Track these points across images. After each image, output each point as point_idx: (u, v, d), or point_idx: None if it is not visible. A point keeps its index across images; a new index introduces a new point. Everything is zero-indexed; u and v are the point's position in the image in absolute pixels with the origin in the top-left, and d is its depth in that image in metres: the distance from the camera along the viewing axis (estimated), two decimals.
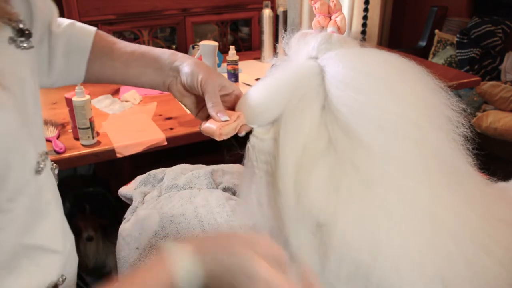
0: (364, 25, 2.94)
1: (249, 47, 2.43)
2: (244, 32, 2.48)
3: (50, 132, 1.28)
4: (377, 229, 0.57)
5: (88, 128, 1.23)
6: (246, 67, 1.99)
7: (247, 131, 0.62)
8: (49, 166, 0.54)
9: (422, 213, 0.58)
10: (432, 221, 0.59)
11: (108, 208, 1.62)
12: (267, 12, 1.99)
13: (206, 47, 1.62)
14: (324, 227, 0.59)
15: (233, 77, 1.67)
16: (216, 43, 1.63)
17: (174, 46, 2.28)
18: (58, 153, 1.20)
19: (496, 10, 2.74)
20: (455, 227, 0.59)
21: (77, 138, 1.27)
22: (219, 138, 0.60)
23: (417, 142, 0.57)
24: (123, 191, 0.95)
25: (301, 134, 0.60)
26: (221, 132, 0.60)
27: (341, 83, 0.58)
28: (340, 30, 0.64)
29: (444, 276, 0.58)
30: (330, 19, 0.65)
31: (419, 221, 0.58)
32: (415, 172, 0.59)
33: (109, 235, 1.60)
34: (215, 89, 0.63)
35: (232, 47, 1.68)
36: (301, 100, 0.61)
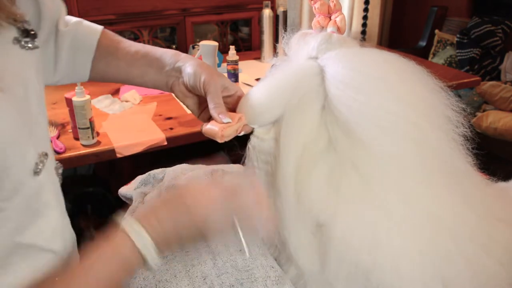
0: (364, 25, 2.94)
1: (249, 47, 2.43)
2: (244, 32, 2.48)
3: (50, 132, 1.28)
4: (377, 229, 0.57)
5: (88, 128, 1.24)
6: (246, 67, 1.99)
7: (248, 132, 0.62)
8: (51, 166, 0.54)
9: (422, 213, 0.58)
10: (432, 221, 0.59)
11: (108, 208, 1.62)
12: (267, 12, 1.99)
13: (206, 47, 1.62)
14: (324, 227, 0.59)
15: (233, 77, 1.67)
16: (216, 43, 1.63)
17: (174, 46, 2.28)
18: (58, 153, 1.20)
19: (496, 10, 2.74)
20: (455, 227, 0.59)
21: (77, 138, 1.28)
22: (221, 140, 0.61)
23: (417, 142, 0.57)
24: (123, 191, 0.95)
25: (302, 134, 0.60)
26: (223, 134, 0.60)
27: (341, 83, 0.58)
28: (340, 30, 0.64)
29: (444, 276, 0.58)
30: (330, 19, 0.65)
31: (419, 221, 0.58)
32: (415, 172, 0.59)
33: None
34: (217, 90, 0.62)
35: (232, 47, 1.68)
36: (302, 100, 0.61)
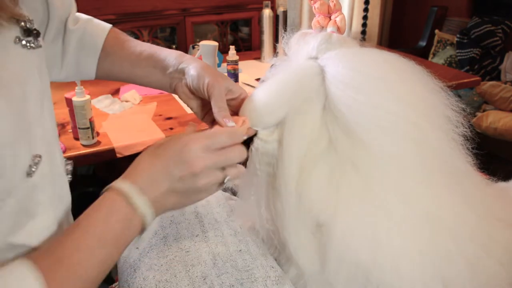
0: (364, 25, 2.94)
1: (249, 47, 2.43)
2: (244, 32, 2.48)
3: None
4: (377, 229, 0.57)
5: (88, 128, 1.23)
6: (246, 67, 1.99)
7: (251, 135, 0.62)
8: (49, 166, 0.53)
9: (422, 213, 0.58)
10: (432, 221, 0.59)
11: None
12: (267, 12, 1.99)
13: (206, 47, 1.62)
14: (324, 227, 0.59)
15: (233, 77, 1.67)
16: (216, 43, 1.63)
17: (174, 46, 2.28)
18: (61, 152, 1.20)
19: (496, 10, 2.74)
20: (455, 227, 0.59)
21: (77, 138, 1.27)
22: None
23: (417, 142, 0.57)
24: None
25: (304, 135, 0.60)
26: None
27: (341, 83, 0.58)
28: (339, 30, 0.64)
29: (444, 276, 0.58)
30: (330, 19, 0.65)
31: (419, 221, 0.58)
32: (415, 172, 0.59)
33: None
34: (221, 94, 0.62)
35: (232, 47, 1.68)
36: (304, 101, 0.60)
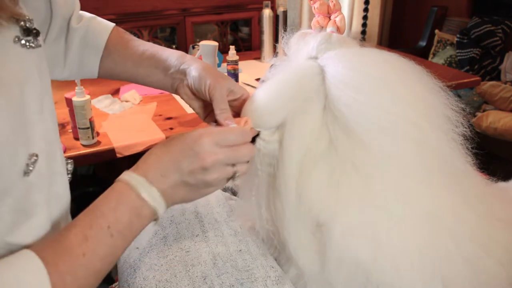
0: (364, 25, 2.94)
1: (249, 47, 2.43)
2: (244, 32, 2.48)
3: None
4: (376, 229, 0.57)
5: (88, 128, 1.24)
6: (246, 67, 1.99)
7: (253, 135, 0.61)
8: (48, 164, 0.53)
9: (422, 213, 0.59)
10: (431, 221, 0.59)
11: None
12: (267, 12, 1.99)
13: (206, 47, 1.62)
14: (324, 227, 0.59)
15: (233, 77, 1.67)
16: (216, 43, 1.63)
17: (174, 46, 2.28)
18: (62, 151, 1.20)
19: (496, 10, 2.74)
20: (455, 227, 0.60)
21: (77, 138, 1.27)
22: None
23: (417, 142, 0.57)
24: None
25: (304, 135, 0.60)
26: None
27: (341, 83, 0.58)
28: (339, 30, 0.64)
29: (444, 276, 0.58)
30: (330, 19, 0.65)
31: (419, 221, 0.58)
32: (415, 172, 0.59)
33: None
34: (223, 95, 0.61)
35: (232, 47, 1.68)
36: (304, 101, 0.60)
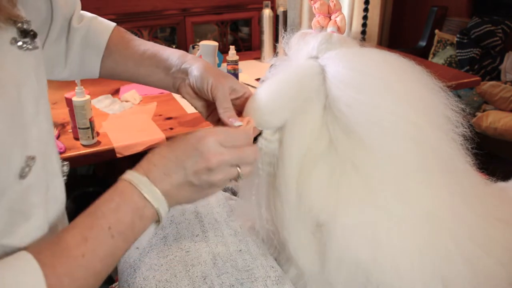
0: (364, 25, 2.94)
1: (249, 47, 2.43)
2: (244, 32, 2.48)
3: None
4: (377, 229, 0.57)
5: (88, 128, 1.24)
6: (246, 67, 1.99)
7: (255, 134, 0.61)
8: (44, 167, 0.52)
9: (422, 213, 0.59)
10: (431, 221, 0.59)
11: None
12: (267, 12, 1.99)
13: (206, 47, 1.62)
14: (324, 227, 0.59)
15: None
16: (216, 43, 1.63)
17: (174, 46, 2.28)
18: (58, 153, 1.20)
19: (496, 10, 2.74)
20: (455, 227, 0.60)
21: (77, 138, 1.28)
22: None
23: (417, 141, 0.57)
24: None
25: (305, 135, 0.60)
26: None
27: (341, 82, 0.58)
28: (340, 30, 0.64)
29: (444, 276, 0.58)
30: (330, 19, 0.65)
31: (419, 221, 0.58)
32: (415, 172, 0.59)
33: None
34: (225, 94, 0.61)
35: (232, 47, 1.68)
36: (305, 101, 0.61)
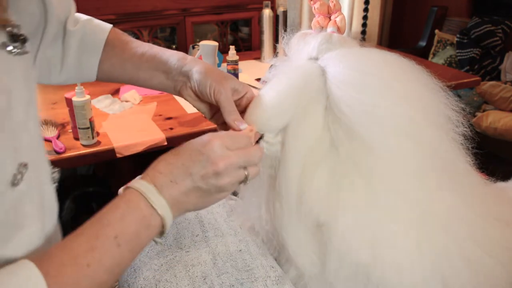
0: (364, 25, 2.94)
1: (249, 47, 2.43)
2: (244, 32, 2.48)
3: (50, 132, 1.28)
4: (377, 229, 0.57)
5: (88, 128, 1.24)
6: (246, 67, 1.99)
7: (257, 138, 0.61)
8: (38, 174, 0.51)
9: (422, 213, 0.59)
10: (431, 220, 0.59)
11: None
12: (267, 12, 1.99)
13: (206, 47, 1.62)
14: (324, 227, 0.59)
15: None
16: (216, 43, 1.63)
17: (174, 46, 2.28)
18: (58, 153, 1.20)
19: (496, 10, 2.74)
20: (455, 227, 0.60)
21: (77, 138, 1.28)
22: None
23: (417, 141, 0.57)
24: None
25: (307, 136, 0.60)
26: None
27: (342, 83, 0.58)
28: (339, 30, 0.64)
29: (444, 275, 0.58)
30: (330, 19, 0.65)
31: (419, 221, 0.58)
32: (416, 171, 0.59)
33: None
34: (228, 97, 0.61)
35: (232, 47, 1.68)
36: (308, 102, 0.60)
